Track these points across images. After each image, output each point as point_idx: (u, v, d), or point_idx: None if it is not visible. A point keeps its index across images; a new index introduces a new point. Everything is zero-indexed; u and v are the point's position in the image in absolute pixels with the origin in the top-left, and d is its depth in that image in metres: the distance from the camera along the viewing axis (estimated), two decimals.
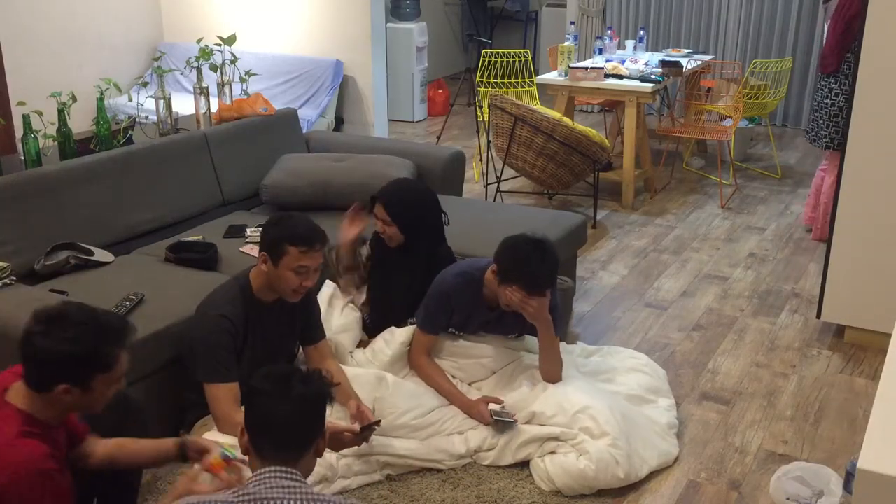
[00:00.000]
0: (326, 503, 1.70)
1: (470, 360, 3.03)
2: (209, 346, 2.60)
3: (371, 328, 3.24)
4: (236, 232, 3.61)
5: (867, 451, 1.16)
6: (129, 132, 3.92)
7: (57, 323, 1.86)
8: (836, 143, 4.40)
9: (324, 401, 1.86)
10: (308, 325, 2.81)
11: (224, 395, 2.59)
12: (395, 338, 3.07)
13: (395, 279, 3.20)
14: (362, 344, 3.20)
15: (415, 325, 3.06)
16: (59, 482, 1.87)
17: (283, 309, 2.75)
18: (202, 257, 3.31)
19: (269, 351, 2.79)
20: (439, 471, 2.75)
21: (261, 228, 2.78)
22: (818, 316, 3.70)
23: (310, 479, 2.62)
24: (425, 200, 3.24)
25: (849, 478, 2.42)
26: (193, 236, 3.55)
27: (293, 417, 1.79)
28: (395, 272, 3.20)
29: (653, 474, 2.75)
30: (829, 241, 3.58)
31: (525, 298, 2.76)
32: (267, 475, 1.72)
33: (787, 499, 2.58)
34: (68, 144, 3.58)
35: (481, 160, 5.93)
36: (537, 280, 2.77)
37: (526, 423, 2.82)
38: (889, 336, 1.71)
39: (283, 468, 1.74)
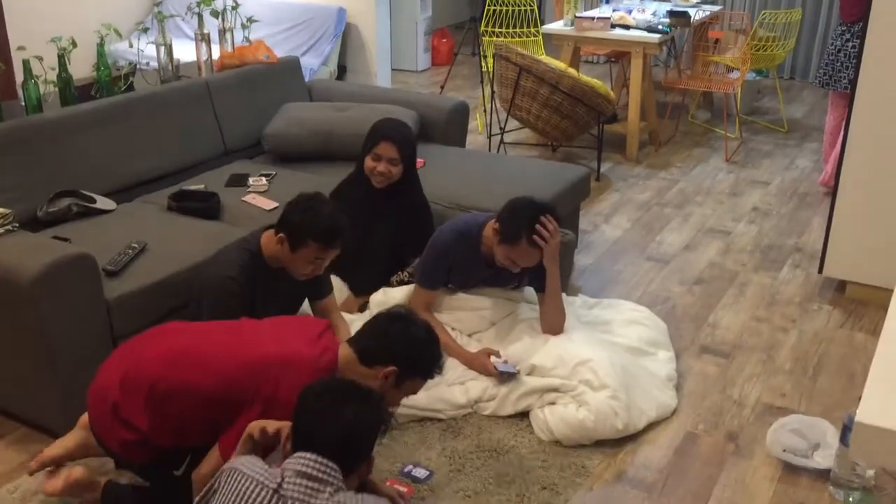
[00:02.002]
0: None
1: (469, 312, 3.05)
2: (217, 309, 2.59)
3: (357, 284, 3.22)
4: (238, 181, 3.60)
5: (866, 405, 1.17)
6: (130, 79, 3.89)
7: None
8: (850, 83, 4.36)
9: (376, 427, 1.83)
10: (316, 281, 2.81)
11: None
12: (390, 298, 3.07)
13: (380, 226, 3.17)
14: (351, 303, 3.19)
15: (409, 284, 3.08)
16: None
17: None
18: (204, 206, 3.30)
19: (277, 311, 2.79)
20: (440, 420, 2.78)
21: (284, 207, 2.67)
22: (820, 271, 3.70)
23: None
24: (414, 138, 3.26)
25: (845, 430, 2.45)
26: (195, 185, 3.55)
27: (341, 441, 1.74)
28: (379, 219, 3.17)
29: (651, 425, 2.78)
30: (833, 193, 3.56)
31: (550, 231, 2.79)
32: (302, 465, 1.71)
33: (784, 450, 2.61)
34: (69, 91, 3.55)
35: (485, 111, 5.88)
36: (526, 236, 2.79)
37: (526, 374, 2.84)
38: (891, 292, 1.71)
39: (323, 462, 1.71)
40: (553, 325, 2.94)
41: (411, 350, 2.19)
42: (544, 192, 3.62)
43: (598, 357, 2.79)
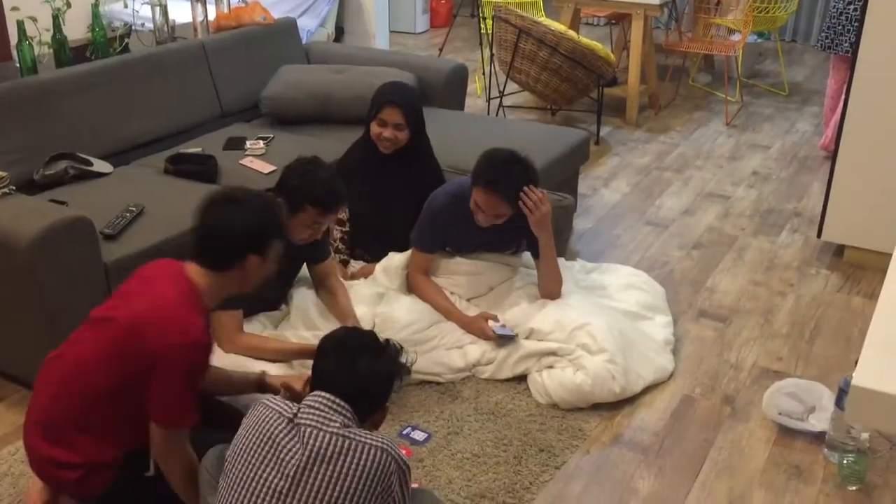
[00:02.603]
0: (363, 444, 1.73)
1: (467, 276, 3.05)
2: None
3: (375, 251, 3.20)
4: (236, 144, 3.57)
5: (862, 368, 1.17)
6: (126, 40, 3.84)
7: (238, 202, 2.04)
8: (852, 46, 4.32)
9: (390, 379, 1.90)
10: (313, 245, 2.80)
11: (227, 320, 2.62)
12: (393, 264, 3.07)
13: (393, 192, 3.15)
14: (361, 273, 3.18)
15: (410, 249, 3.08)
16: (206, 362, 2.01)
17: None
18: (202, 169, 3.28)
19: (277, 273, 2.79)
20: (438, 383, 2.80)
21: (282, 172, 2.68)
22: (819, 235, 3.70)
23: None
24: (422, 102, 3.22)
25: (841, 394, 2.47)
26: (192, 148, 3.52)
27: (355, 389, 1.81)
28: (391, 184, 3.14)
29: (648, 389, 2.80)
30: (833, 157, 3.55)
31: (534, 200, 2.76)
32: (319, 401, 1.78)
33: (780, 413, 2.63)
34: (64, 52, 3.51)
35: (484, 74, 5.83)
36: (493, 181, 2.76)
37: (524, 338, 2.85)
38: (889, 256, 1.71)
39: (337, 400, 1.78)
40: (550, 290, 2.95)
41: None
42: (544, 156, 3.60)
43: (595, 321, 2.80)
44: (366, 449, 1.72)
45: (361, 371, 1.83)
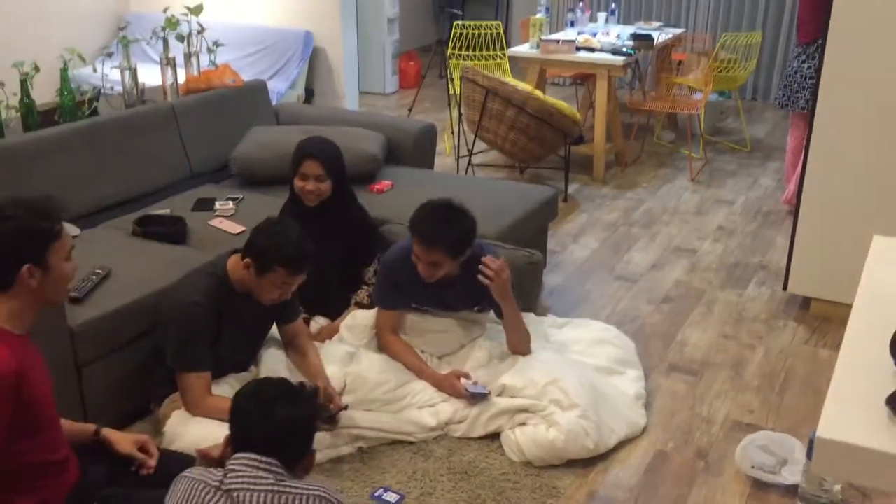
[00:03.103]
0: (300, 496, 1.71)
1: (437, 334, 3.04)
2: (182, 335, 2.57)
3: (316, 307, 3.19)
4: (205, 205, 3.57)
5: (825, 420, 1.18)
6: (95, 103, 3.86)
7: None
8: (809, 104, 4.43)
9: (311, 423, 1.86)
10: (283, 305, 2.78)
11: (195, 383, 2.58)
12: (359, 322, 3.06)
13: (324, 245, 3.03)
14: (325, 333, 3.15)
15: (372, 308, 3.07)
16: (6, 388, 1.82)
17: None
18: (170, 231, 3.27)
19: (245, 335, 2.77)
20: (410, 443, 2.77)
21: (251, 233, 2.65)
22: (784, 288, 3.75)
23: None
24: (340, 151, 3.23)
25: (811, 446, 2.47)
26: (161, 209, 3.52)
27: (277, 439, 1.78)
28: (321, 238, 3.04)
29: (621, 444, 2.79)
30: (796, 212, 3.62)
31: (494, 269, 2.76)
32: (243, 463, 1.74)
33: (752, 467, 2.63)
34: (31, 116, 3.52)
35: (453, 133, 5.91)
36: (425, 230, 2.76)
37: (497, 395, 2.84)
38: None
39: (261, 458, 1.75)
40: (518, 349, 2.95)
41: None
42: (513, 213, 3.64)
43: (566, 376, 2.79)
44: (304, 499, 1.69)
45: (279, 420, 1.79)
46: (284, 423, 1.79)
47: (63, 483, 2.00)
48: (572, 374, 2.83)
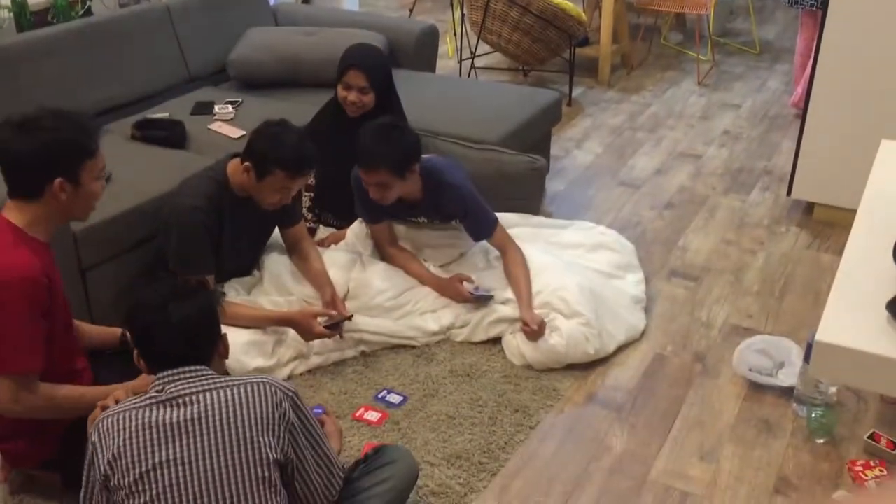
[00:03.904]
0: (241, 385, 1.69)
1: (435, 248, 3.03)
2: (183, 240, 2.57)
3: (343, 214, 3.18)
4: (203, 109, 3.52)
5: (825, 324, 1.19)
6: (88, 3, 3.76)
7: (34, 122, 1.93)
8: (820, 1, 4.31)
9: (210, 314, 1.78)
10: (284, 209, 2.77)
11: None
12: (364, 229, 3.05)
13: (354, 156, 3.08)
14: (331, 240, 3.14)
15: None
16: (42, 295, 1.91)
17: None
18: (169, 135, 3.24)
19: (246, 239, 2.77)
20: (413, 347, 2.81)
21: (250, 136, 2.62)
22: (788, 193, 3.73)
23: (286, 355, 2.67)
24: (390, 63, 3.16)
25: (809, 349, 2.50)
26: (160, 113, 3.47)
27: (181, 341, 1.71)
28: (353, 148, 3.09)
29: (621, 348, 2.83)
30: (803, 115, 3.57)
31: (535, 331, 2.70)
32: (174, 376, 1.69)
33: (749, 369, 2.67)
34: (24, 16, 3.44)
35: (455, 35, 5.77)
36: (363, 153, 2.69)
37: (500, 304, 2.86)
38: (856, 212, 1.73)
39: (185, 369, 1.70)
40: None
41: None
42: (516, 117, 3.59)
43: (568, 284, 2.81)
44: (248, 387, 1.67)
45: (180, 322, 1.71)
46: (183, 321, 1.71)
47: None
48: (573, 280, 2.84)
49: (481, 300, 2.85)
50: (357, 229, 3.09)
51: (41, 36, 3.35)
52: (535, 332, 2.68)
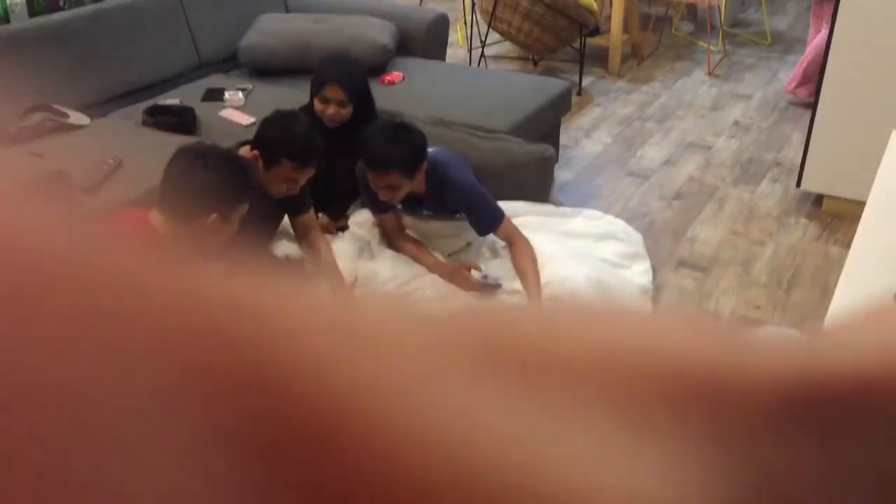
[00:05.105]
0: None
1: (443, 239, 3.04)
2: None
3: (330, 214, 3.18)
4: (214, 95, 3.54)
5: (833, 315, 1.19)
6: None
7: (207, 158, 2.09)
8: None
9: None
10: (293, 197, 2.78)
11: None
12: (367, 217, 3.05)
13: (340, 163, 3.04)
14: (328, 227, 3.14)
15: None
16: None
17: None
18: (180, 121, 3.25)
19: (256, 227, 2.78)
20: None
21: (259, 125, 2.65)
22: (798, 185, 3.72)
23: None
24: (366, 73, 3.14)
25: None
26: (170, 99, 3.48)
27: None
28: (338, 157, 3.02)
29: None
30: (814, 106, 3.56)
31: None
32: None
33: None
34: (37, 1, 3.45)
35: (466, 23, 5.77)
36: (372, 155, 2.68)
37: (507, 295, 2.87)
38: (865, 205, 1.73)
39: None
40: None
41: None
42: (526, 106, 3.59)
43: (576, 275, 2.81)
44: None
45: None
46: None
47: None
48: (581, 270, 2.84)
49: (489, 288, 2.86)
50: (360, 220, 3.09)
51: (53, 21, 3.36)
52: None
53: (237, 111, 3.41)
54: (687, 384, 0.17)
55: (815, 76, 4.70)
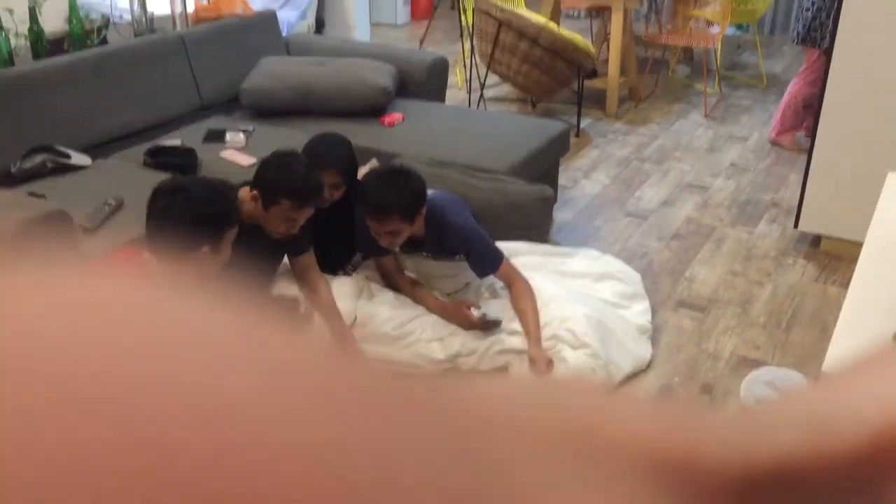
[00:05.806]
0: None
1: (442, 278, 3.04)
2: None
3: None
4: (216, 136, 3.57)
5: (832, 356, 1.19)
6: (104, 32, 3.82)
7: (186, 192, 2.10)
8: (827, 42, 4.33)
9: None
10: (293, 238, 2.78)
11: None
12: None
13: (339, 232, 3.04)
14: None
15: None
16: None
17: None
18: (181, 162, 3.28)
19: (255, 267, 2.79)
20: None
21: (258, 165, 2.66)
22: (795, 225, 3.74)
23: None
24: (352, 148, 3.07)
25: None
26: (172, 141, 3.51)
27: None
28: (336, 225, 3.03)
29: (627, 378, 2.82)
30: (810, 147, 3.59)
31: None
32: None
33: (757, 402, 2.66)
34: (41, 44, 3.49)
35: (465, 66, 5.83)
36: (373, 201, 2.68)
37: (509, 335, 2.86)
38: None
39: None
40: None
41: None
42: (525, 147, 3.63)
43: (575, 315, 2.80)
44: None
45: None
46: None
47: None
48: (580, 311, 2.84)
49: (488, 326, 2.85)
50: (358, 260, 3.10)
51: (57, 64, 3.40)
52: (542, 372, 2.68)
53: (238, 152, 3.43)
54: (636, 464, 0.18)
55: (792, 123, 4.78)
